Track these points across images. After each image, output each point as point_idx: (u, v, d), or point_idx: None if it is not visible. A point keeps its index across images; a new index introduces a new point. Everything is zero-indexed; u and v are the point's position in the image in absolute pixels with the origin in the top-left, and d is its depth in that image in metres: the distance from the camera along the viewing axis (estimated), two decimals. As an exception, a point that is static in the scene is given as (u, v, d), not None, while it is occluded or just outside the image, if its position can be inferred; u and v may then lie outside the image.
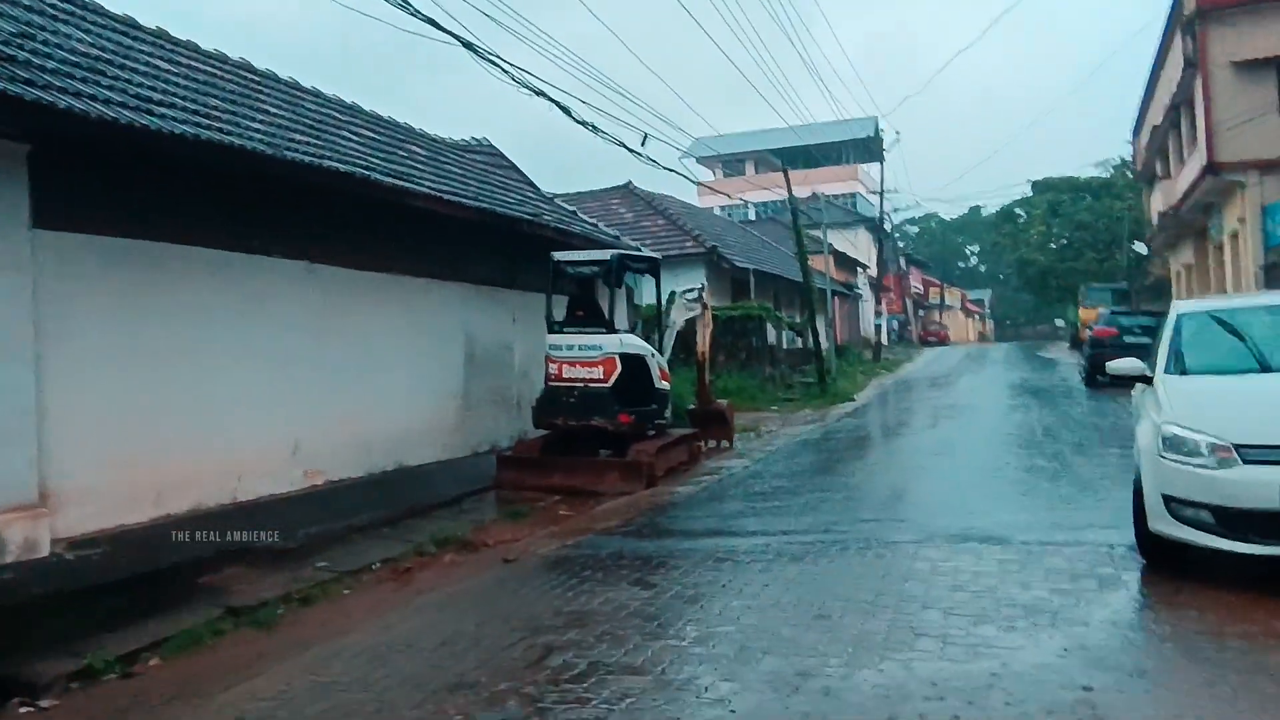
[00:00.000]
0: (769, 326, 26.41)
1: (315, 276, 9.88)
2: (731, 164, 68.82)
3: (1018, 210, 69.50)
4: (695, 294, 14.94)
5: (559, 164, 61.15)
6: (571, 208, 17.09)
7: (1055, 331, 77.92)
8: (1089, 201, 61.03)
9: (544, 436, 12.35)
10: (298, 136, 9.63)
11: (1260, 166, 25.29)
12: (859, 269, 51.82)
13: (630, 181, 32.25)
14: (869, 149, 64.25)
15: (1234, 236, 27.55)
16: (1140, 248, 55.89)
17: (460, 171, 13.71)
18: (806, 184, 49.88)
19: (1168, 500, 5.70)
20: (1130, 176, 59.33)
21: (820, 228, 51.61)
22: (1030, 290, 67.58)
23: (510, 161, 17.01)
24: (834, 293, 41.46)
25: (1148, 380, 6.74)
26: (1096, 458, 11.57)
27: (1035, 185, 65.68)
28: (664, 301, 14.19)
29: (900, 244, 77.20)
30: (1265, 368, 6.29)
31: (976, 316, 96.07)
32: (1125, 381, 7.40)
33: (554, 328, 12.25)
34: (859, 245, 53.77)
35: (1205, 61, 25.77)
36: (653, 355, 12.41)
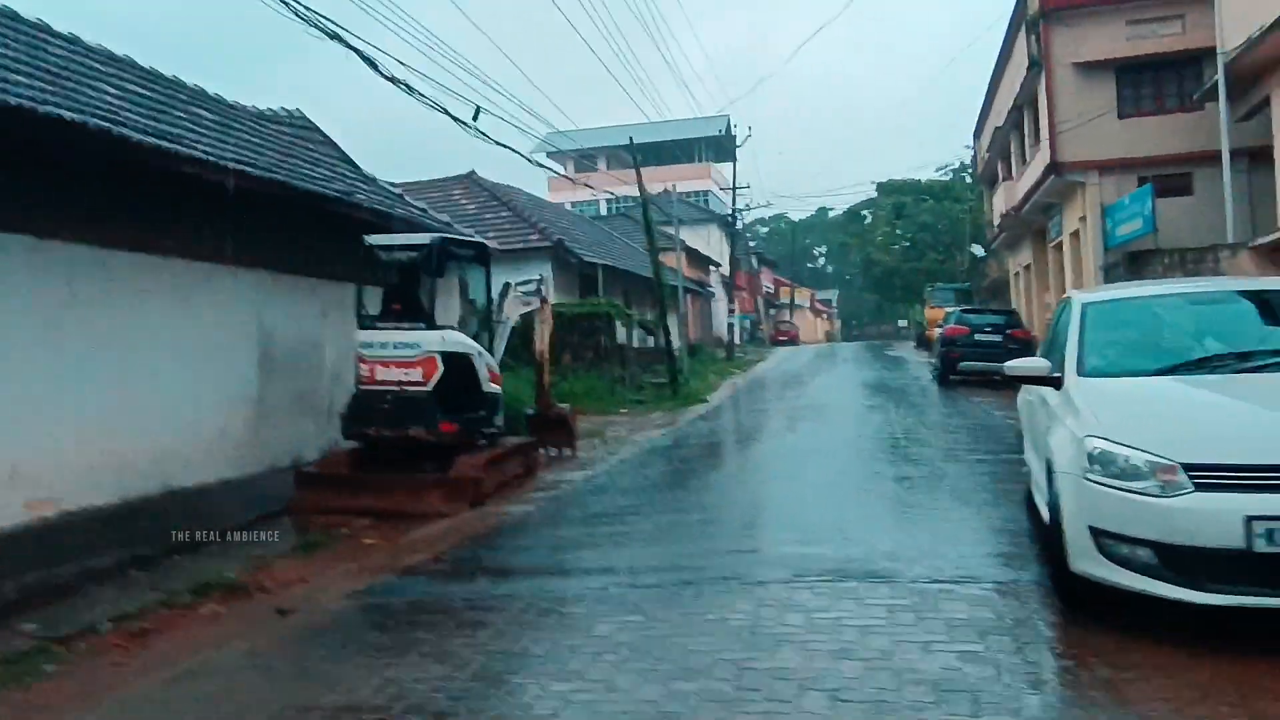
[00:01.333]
0: (619, 324, 25.08)
1: (47, 256, 7.88)
2: (584, 159, 67.47)
3: (864, 212, 70.82)
4: (533, 287, 13.43)
5: (425, 164, 58.30)
6: (397, 190, 15.28)
7: (899, 331, 79.94)
8: (931, 204, 62.56)
9: (355, 449, 10.64)
10: (17, 78, 7.62)
11: (1100, 167, 25.62)
12: (711, 267, 51.29)
13: (473, 171, 30.44)
14: (722, 147, 64.02)
15: (1074, 236, 27.92)
16: (977, 250, 57.66)
17: (258, 141, 11.76)
18: (659, 180, 49.20)
19: (1096, 534, 4.54)
20: (969, 180, 61.16)
21: (673, 224, 50.96)
22: (876, 290, 68.93)
23: (325, 136, 15.06)
24: (686, 290, 40.61)
25: (1055, 383, 5.62)
26: (967, 464, 10.67)
27: (880, 187, 67.01)
28: (496, 295, 12.62)
29: (752, 244, 77.68)
30: (1203, 367, 5.24)
31: (825, 316, 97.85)
32: (978, 378, 6.53)
33: (366, 323, 10.56)
34: (711, 243, 53.23)
35: (1049, 61, 25.93)
36: (480, 354, 10.84)
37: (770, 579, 5.95)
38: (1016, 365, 6.00)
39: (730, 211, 47.11)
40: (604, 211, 58.83)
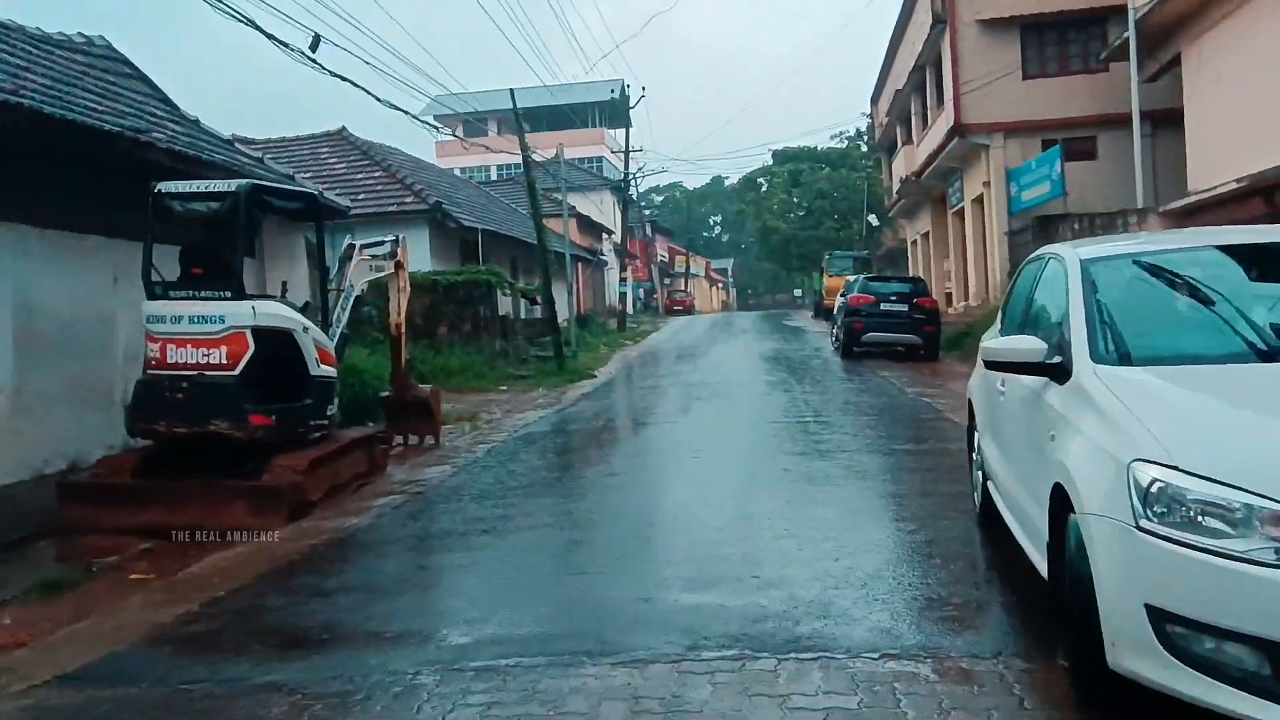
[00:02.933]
0: (500, 294, 23.05)
1: None
2: (475, 123, 64.54)
3: (760, 179, 69.80)
4: (387, 249, 11.39)
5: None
6: (226, 137, 12.95)
7: (794, 300, 79.43)
8: (828, 171, 61.82)
9: (144, 450, 8.53)
10: None
11: (1004, 129, 24.64)
12: (604, 234, 49.39)
13: (344, 127, 27.86)
14: (616, 112, 61.86)
15: (977, 202, 26.96)
16: (872, 219, 57.17)
17: (21, 64, 9.38)
18: (552, 145, 47.11)
19: (1158, 617, 2.88)
20: (866, 147, 60.55)
21: (560, 188, 48.78)
22: (772, 258, 68.08)
23: (135, 69, 12.58)
24: (576, 258, 38.67)
25: (1055, 373, 3.95)
26: (891, 457, 9.12)
27: (776, 155, 66.15)
28: (338, 257, 10.57)
29: (647, 212, 76.00)
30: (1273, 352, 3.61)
31: (720, 285, 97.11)
32: (878, 349, 4.87)
33: (157, 291, 8.41)
34: (604, 210, 51.26)
35: (954, 17, 24.76)
36: (306, 330, 8.76)
37: (652, 654, 4.15)
38: (999, 347, 4.31)
39: (623, 176, 45.11)
40: (494, 177, 56.33)
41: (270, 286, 11.81)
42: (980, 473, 5.98)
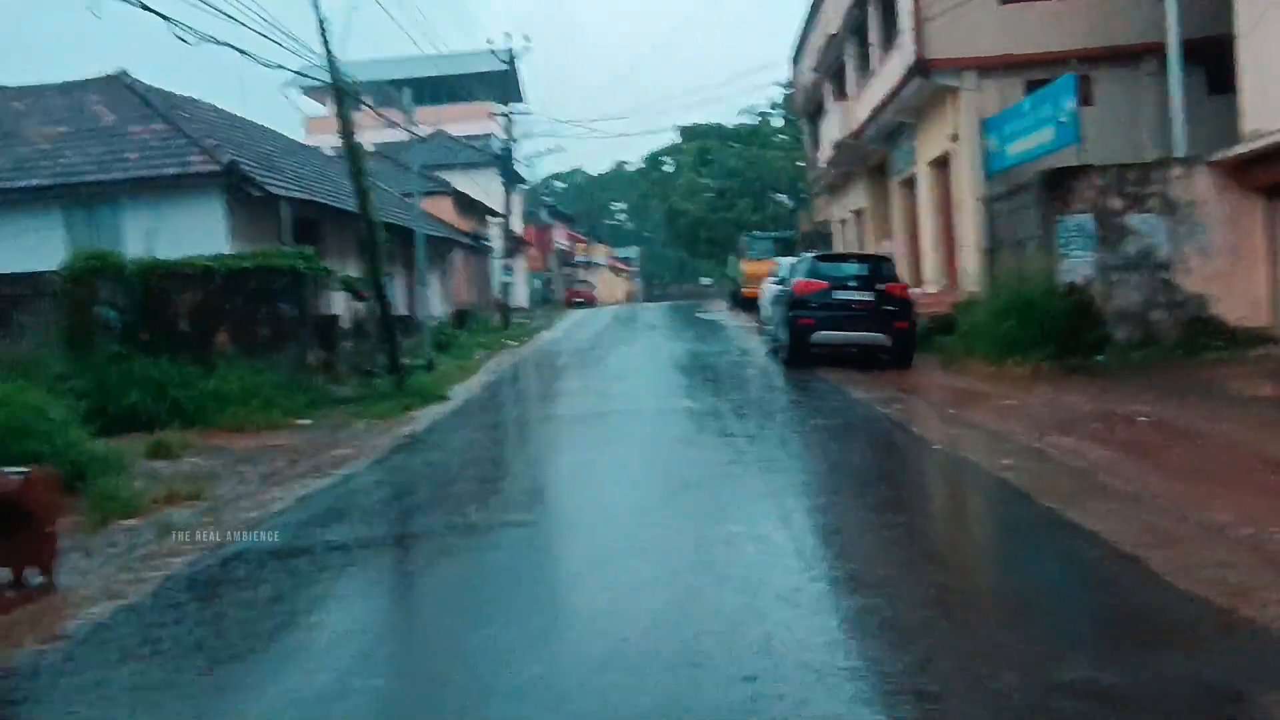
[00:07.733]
0: (317, 286, 16.69)
1: None
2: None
3: (665, 158, 64.28)
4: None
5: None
6: None
7: (703, 290, 74.04)
8: (739, 148, 56.54)
9: None
10: None
11: (979, 66, 19.32)
12: (489, 217, 43.03)
13: (125, 70, 21.11)
14: (508, 86, 55.45)
15: (937, 163, 21.67)
16: (785, 199, 52.15)
17: None
18: (433, 121, 41.23)
19: None
20: (782, 121, 55.44)
21: (451, 168, 42.41)
22: (681, 244, 62.44)
23: None
24: (454, 243, 32.44)
25: None
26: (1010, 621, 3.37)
27: (684, 132, 60.85)
28: None
29: (546, 199, 69.64)
30: None
31: (625, 275, 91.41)
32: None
33: None
34: (492, 194, 44.81)
35: (913, -76, 19.32)
36: None
37: None
38: None
39: (505, 141, 38.78)
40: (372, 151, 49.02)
41: None
42: None
